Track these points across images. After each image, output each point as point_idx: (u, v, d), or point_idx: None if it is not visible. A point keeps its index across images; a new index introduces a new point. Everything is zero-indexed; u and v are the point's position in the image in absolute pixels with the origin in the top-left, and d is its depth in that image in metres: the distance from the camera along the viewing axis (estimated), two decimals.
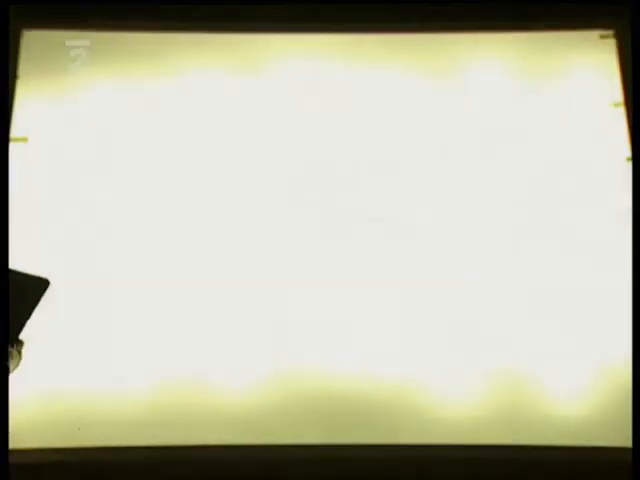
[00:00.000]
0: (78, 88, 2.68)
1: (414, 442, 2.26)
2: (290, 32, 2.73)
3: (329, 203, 2.56)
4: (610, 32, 2.76)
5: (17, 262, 1.87)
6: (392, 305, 2.42)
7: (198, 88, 2.67)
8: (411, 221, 2.53)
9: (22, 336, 1.88)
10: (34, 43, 2.73)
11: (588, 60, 2.73)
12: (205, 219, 2.52)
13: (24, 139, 2.58)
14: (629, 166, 2.58)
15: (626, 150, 2.61)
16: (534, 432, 2.27)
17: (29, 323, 1.84)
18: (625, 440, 2.09)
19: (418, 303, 2.42)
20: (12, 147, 2.51)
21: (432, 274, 2.46)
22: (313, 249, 2.50)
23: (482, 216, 2.54)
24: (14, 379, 2.07)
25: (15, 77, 2.66)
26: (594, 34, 2.77)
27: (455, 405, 2.30)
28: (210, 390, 2.31)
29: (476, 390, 2.32)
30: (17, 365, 2.00)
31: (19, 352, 2.01)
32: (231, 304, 2.42)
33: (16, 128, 2.58)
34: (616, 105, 2.67)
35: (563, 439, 2.25)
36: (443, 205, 2.55)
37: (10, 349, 1.99)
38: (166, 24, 2.73)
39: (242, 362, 2.35)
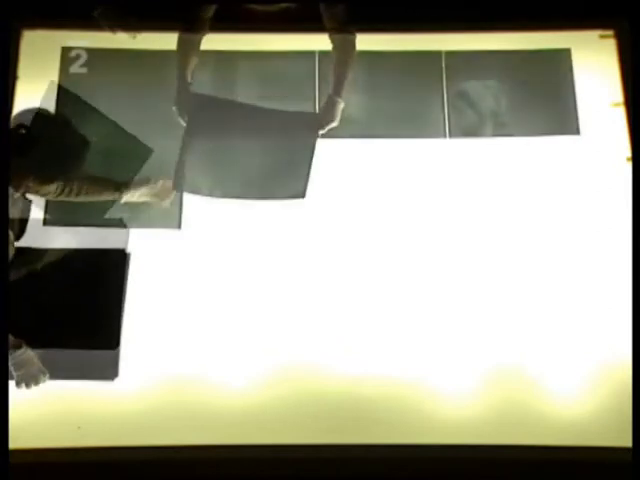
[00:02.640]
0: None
1: (414, 442, 2.26)
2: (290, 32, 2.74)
3: (326, 203, 2.58)
4: (610, 32, 2.76)
5: None
6: (392, 306, 2.42)
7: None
8: (409, 215, 2.55)
9: None
10: (34, 43, 2.73)
11: (588, 60, 2.74)
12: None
13: None
14: (629, 166, 2.58)
15: (626, 150, 2.61)
16: (534, 432, 2.27)
17: None
18: (625, 440, 2.08)
19: (418, 304, 2.42)
20: None
21: (431, 275, 2.46)
22: (311, 254, 2.51)
23: (483, 215, 2.54)
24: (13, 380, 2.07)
25: (15, 77, 2.67)
26: (594, 34, 2.77)
27: (455, 405, 2.30)
28: (210, 390, 2.31)
29: (476, 391, 2.32)
30: None
31: None
32: (231, 306, 2.42)
33: None
34: (616, 105, 2.67)
35: (563, 439, 2.25)
36: (442, 200, 2.56)
37: None
38: (164, 24, 2.74)
39: (242, 363, 2.35)
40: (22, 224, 2.16)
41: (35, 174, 1.87)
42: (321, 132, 2.60)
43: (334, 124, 2.59)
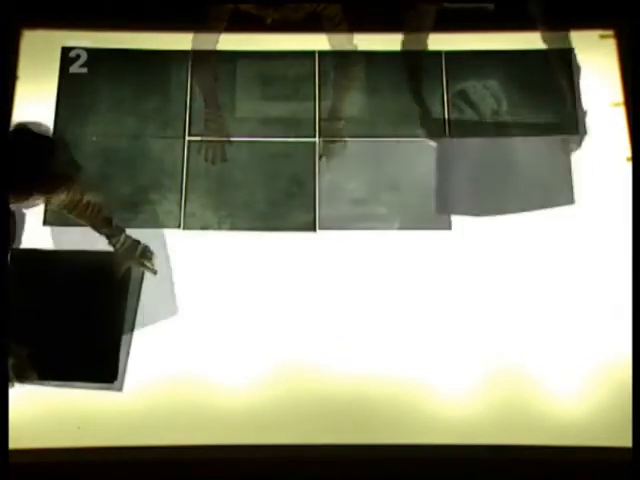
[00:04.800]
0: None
1: (414, 442, 2.26)
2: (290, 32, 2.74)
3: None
4: (610, 32, 2.77)
5: None
6: (392, 306, 2.42)
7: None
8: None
9: None
10: (34, 43, 2.73)
11: (588, 60, 2.74)
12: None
13: None
14: (629, 166, 2.58)
15: (626, 150, 2.61)
16: (534, 432, 2.27)
17: None
18: (625, 440, 2.09)
19: (418, 304, 2.42)
20: None
21: (431, 275, 2.46)
22: (311, 254, 2.51)
23: (482, 216, 2.55)
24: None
25: (15, 77, 2.67)
26: (594, 34, 2.77)
27: (455, 405, 2.30)
28: (210, 390, 2.31)
29: (476, 391, 2.32)
30: None
31: None
32: (231, 306, 2.42)
33: None
34: (616, 105, 2.67)
35: (563, 439, 2.25)
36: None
37: None
38: (160, 25, 2.74)
39: (242, 363, 2.35)
40: (12, 232, 2.14)
41: (11, 191, 1.84)
42: (320, 158, 2.61)
43: (331, 147, 2.60)
